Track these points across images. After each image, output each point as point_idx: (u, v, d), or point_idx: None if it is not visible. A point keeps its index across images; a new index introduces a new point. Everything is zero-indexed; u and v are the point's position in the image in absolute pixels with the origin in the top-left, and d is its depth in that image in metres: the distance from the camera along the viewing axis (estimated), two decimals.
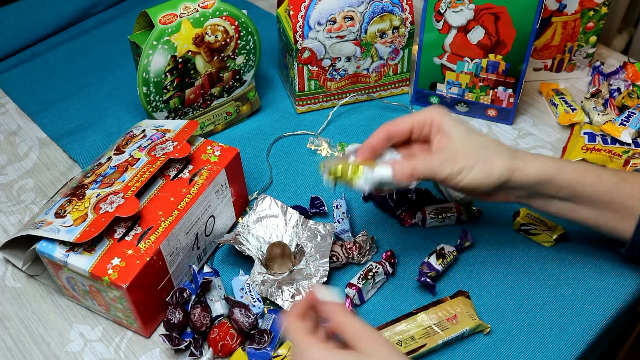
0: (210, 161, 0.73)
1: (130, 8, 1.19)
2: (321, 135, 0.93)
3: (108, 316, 0.70)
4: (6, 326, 0.71)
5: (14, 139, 0.95)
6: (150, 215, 0.68)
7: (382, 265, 0.72)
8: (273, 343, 0.66)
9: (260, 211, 0.77)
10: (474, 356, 0.67)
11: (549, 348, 0.67)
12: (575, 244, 0.76)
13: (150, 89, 0.81)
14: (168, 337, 0.65)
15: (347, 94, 0.96)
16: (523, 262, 0.75)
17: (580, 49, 0.97)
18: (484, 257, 0.76)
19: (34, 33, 1.11)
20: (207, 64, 0.85)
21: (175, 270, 0.69)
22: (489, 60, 0.88)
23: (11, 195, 0.86)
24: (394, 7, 0.88)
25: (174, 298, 0.67)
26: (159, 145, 0.73)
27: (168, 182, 0.71)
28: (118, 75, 1.05)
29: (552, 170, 0.66)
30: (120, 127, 0.95)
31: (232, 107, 0.93)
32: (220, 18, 0.83)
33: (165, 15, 0.79)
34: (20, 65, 1.07)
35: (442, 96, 0.94)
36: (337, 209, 0.79)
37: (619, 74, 0.97)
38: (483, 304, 0.71)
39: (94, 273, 0.63)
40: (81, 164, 0.90)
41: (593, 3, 0.91)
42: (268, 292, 0.69)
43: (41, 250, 0.66)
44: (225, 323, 0.67)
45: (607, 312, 0.70)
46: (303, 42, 0.88)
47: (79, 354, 0.68)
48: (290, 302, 0.68)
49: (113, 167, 0.72)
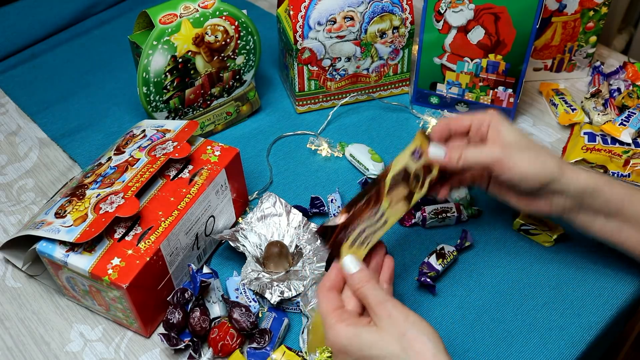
0: (210, 161, 0.73)
1: (130, 8, 1.19)
2: (321, 135, 0.93)
3: (108, 316, 0.70)
4: (6, 326, 0.71)
5: (14, 139, 0.95)
6: (150, 215, 0.68)
7: None
8: (272, 343, 0.66)
9: (265, 209, 0.77)
10: (474, 356, 0.67)
11: (549, 348, 0.67)
12: (575, 244, 0.76)
13: (150, 89, 0.81)
14: (166, 336, 0.65)
15: (347, 94, 0.96)
16: (523, 262, 0.75)
17: (580, 49, 0.97)
18: (484, 257, 0.76)
19: (34, 33, 1.11)
20: (207, 64, 0.85)
21: (175, 270, 0.69)
22: (489, 60, 0.88)
23: (11, 195, 0.86)
24: (394, 7, 0.88)
25: (175, 298, 0.67)
26: (159, 146, 0.73)
27: (168, 182, 0.71)
28: (118, 75, 1.05)
29: (601, 181, 0.65)
30: (120, 127, 0.95)
31: (232, 107, 0.93)
32: (220, 18, 0.83)
33: (165, 15, 0.79)
34: (20, 65, 1.07)
35: (442, 96, 0.94)
36: (332, 203, 0.80)
37: (619, 74, 0.97)
38: (483, 304, 0.71)
39: (94, 273, 0.63)
40: (81, 164, 0.90)
41: (593, 3, 0.91)
42: (259, 287, 0.69)
43: (41, 250, 0.66)
44: (225, 323, 0.67)
45: (607, 312, 0.70)
46: (303, 42, 0.88)
47: (79, 354, 0.69)
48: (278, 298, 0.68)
49: (113, 167, 0.72)
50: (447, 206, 0.78)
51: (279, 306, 0.70)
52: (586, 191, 0.64)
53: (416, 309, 0.70)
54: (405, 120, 0.94)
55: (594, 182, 0.65)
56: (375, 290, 0.57)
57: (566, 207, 0.66)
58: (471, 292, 0.72)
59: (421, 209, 0.78)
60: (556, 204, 0.66)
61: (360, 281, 0.58)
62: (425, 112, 0.95)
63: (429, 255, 0.73)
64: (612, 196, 0.65)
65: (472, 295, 0.72)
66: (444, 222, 0.79)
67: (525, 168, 0.64)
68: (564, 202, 0.66)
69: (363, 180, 0.82)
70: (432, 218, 0.78)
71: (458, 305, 0.71)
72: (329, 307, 0.57)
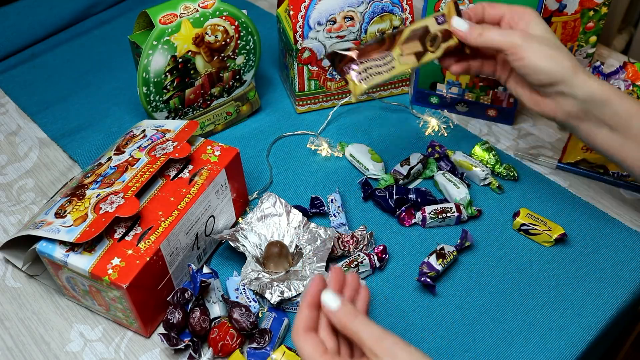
0: (210, 161, 0.73)
1: (130, 8, 1.19)
2: (321, 135, 0.93)
3: (108, 316, 0.70)
4: (6, 326, 0.71)
5: (14, 139, 0.95)
6: (150, 215, 0.68)
7: (369, 258, 0.72)
8: (272, 342, 0.66)
9: (265, 209, 0.77)
10: (474, 356, 0.67)
11: (549, 348, 0.67)
12: (575, 244, 0.76)
13: (150, 89, 0.81)
14: (166, 336, 0.65)
15: (347, 94, 0.96)
16: (523, 262, 0.75)
17: (580, 49, 0.97)
18: (484, 256, 0.76)
19: (34, 33, 1.11)
20: (207, 64, 0.85)
21: (175, 270, 0.69)
22: None
23: (11, 195, 0.86)
24: (394, 7, 0.88)
25: (175, 298, 0.67)
26: (159, 146, 0.73)
27: (168, 182, 0.71)
28: (118, 75, 1.05)
29: (612, 92, 0.64)
30: (120, 127, 0.95)
31: (232, 107, 0.93)
32: (220, 18, 0.83)
33: (165, 15, 0.79)
34: (20, 65, 1.07)
35: (442, 96, 0.94)
36: (332, 203, 0.80)
37: (619, 74, 0.96)
38: (483, 304, 0.71)
39: (94, 273, 0.63)
40: (81, 164, 0.90)
41: (593, 3, 0.91)
42: (259, 287, 0.69)
43: (41, 250, 0.66)
44: (225, 323, 0.67)
45: (607, 312, 0.70)
46: (303, 42, 0.88)
47: (79, 354, 0.69)
48: (278, 298, 0.68)
49: (113, 167, 0.72)
50: (447, 206, 0.78)
51: (279, 306, 0.70)
52: (595, 99, 0.64)
53: (416, 309, 0.71)
54: (405, 120, 0.94)
55: (604, 92, 0.64)
56: (368, 326, 0.52)
57: (572, 113, 0.67)
58: (471, 292, 0.72)
59: (421, 209, 0.78)
60: (563, 108, 0.67)
61: (348, 316, 0.52)
62: (425, 112, 0.95)
63: (429, 255, 0.73)
64: (621, 109, 0.64)
65: (472, 295, 0.72)
66: (444, 222, 0.79)
67: (540, 60, 0.65)
68: (571, 106, 0.66)
69: (363, 180, 0.82)
70: (432, 218, 0.78)
71: (458, 305, 0.71)
72: (315, 352, 0.51)
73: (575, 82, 0.64)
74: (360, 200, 0.83)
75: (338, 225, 0.78)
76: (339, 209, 0.79)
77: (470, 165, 0.83)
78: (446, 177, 0.82)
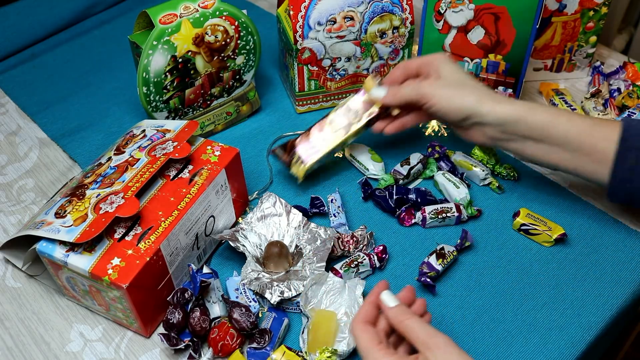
0: (210, 161, 0.74)
1: (130, 8, 1.19)
2: None
3: (108, 316, 0.70)
4: (6, 326, 0.72)
5: (14, 139, 0.95)
6: (150, 215, 0.68)
7: (369, 258, 0.72)
8: (272, 343, 0.66)
9: (265, 209, 0.77)
10: (474, 356, 0.67)
11: (549, 348, 0.67)
12: (575, 244, 0.76)
13: (150, 89, 0.81)
14: (166, 336, 0.65)
15: (347, 94, 0.96)
16: (523, 262, 0.75)
17: (580, 49, 0.97)
18: (484, 256, 0.76)
19: (34, 33, 1.11)
20: (207, 64, 0.85)
21: (175, 270, 0.69)
22: (489, 60, 0.88)
23: (11, 195, 0.86)
24: (394, 7, 0.88)
25: (175, 298, 0.67)
26: (159, 146, 0.73)
27: (168, 182, 0.71)
28: (118, 75, 1.05)
29: (522, 109, 0.70)
30: (120, 127, 0.95)
31: (232, 107, 0.93)
32: (220, 18, 0.83)
33: (165, 15, 0.79)
34: (20, 65, 1.07)
35: None
36: (332, 203, 0.80)
37: (619, 74, 0.97)
38: (483, 304, 0.71)
39: (94, 273, 0.63)
40: (81, 164, 0.90)
41: (593, 3, 0.91)
42: (259, 287, 0.69)
43: (41, 250, 0.66)
44: (225, 323, 0.67)
45: (607, 312, 0.70)
46: (303, 42, 0.88)
47: (79, 354, 0.69)
48: (278, 298, 0.68)
49: (113, 167, 0.72)
50: (447, 206, 0.78)
51: (279, 306, 0.70)
52: (508, 121, 0.70)
53: None
54: None
55: (514, 112, 0.70)
56: (421, 324, 0.55)
57: (494, 137, 0.72)
58: (471, 292, 0.72)
59: (421, 209, 0.78)
60: (485, 134, 0.73)
61: (403, 314, 0.56)
62: None
63: (429, 255, 0.73)
64: (535, 123, 0.69)
65: (472, 295, 0.72)
66: (444, 222, 0.79)
67: (445, 103, 0.72)
68: (491, 132, 0.72)
69: (363, 180, 0.82)
70: (432, 218, 0.78)
71: (458, 305, 0.71)
72: (371, 341, 0.55)
73: (483, 112, 0.71)
74: (360, 200, 0.83)
75: (338, 225, 0.78)
76: (339, 209, 0.79)
77: (470, 165, 0.83)
78: (446, 177, 0.82)
